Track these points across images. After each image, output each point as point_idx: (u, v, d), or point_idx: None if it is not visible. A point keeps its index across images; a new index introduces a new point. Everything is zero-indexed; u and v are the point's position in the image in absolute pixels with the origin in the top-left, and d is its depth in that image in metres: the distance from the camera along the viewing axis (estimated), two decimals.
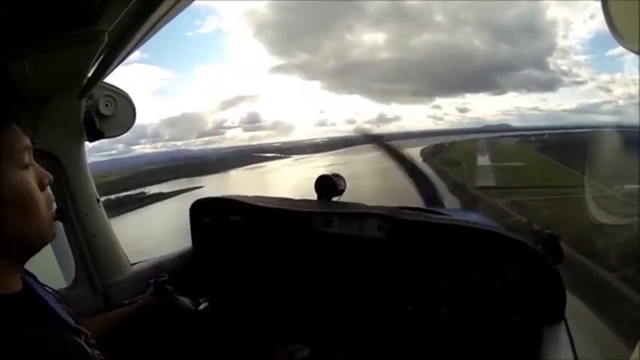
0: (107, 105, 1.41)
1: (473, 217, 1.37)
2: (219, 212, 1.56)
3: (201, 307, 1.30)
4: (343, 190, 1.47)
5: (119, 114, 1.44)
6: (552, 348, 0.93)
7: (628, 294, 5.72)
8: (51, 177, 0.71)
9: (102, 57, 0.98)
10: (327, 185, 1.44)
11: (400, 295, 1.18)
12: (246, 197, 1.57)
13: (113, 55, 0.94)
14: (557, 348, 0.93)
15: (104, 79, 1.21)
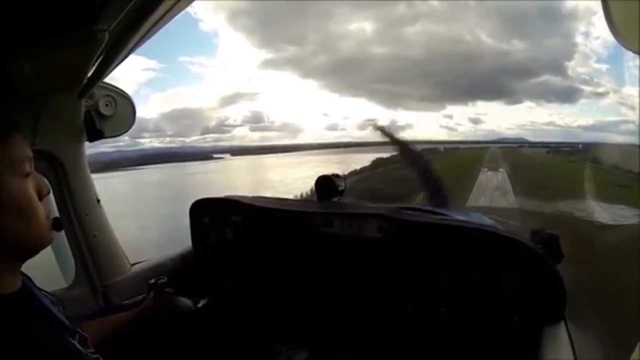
0: (107, 105, 1.41)
1: (473, 218, 1.36)
2: (218, 212, 1.56)
3: (200, 304, 1.30)
4: (343, 191, 1.46)
5: (119, 113, 1.45)
6: (552, 348, 0.93)
7: None
8: (50, 187, 0.74)
9: (102, 57, 0.98)
10: (327, 185, 1.44)
11: (400, 296, 1.18)
12: (246, 197, 1.57)
13: (113, 55, 0.94)
14: (557, 348, 0.93)
15: (104, 79, 1.21)
